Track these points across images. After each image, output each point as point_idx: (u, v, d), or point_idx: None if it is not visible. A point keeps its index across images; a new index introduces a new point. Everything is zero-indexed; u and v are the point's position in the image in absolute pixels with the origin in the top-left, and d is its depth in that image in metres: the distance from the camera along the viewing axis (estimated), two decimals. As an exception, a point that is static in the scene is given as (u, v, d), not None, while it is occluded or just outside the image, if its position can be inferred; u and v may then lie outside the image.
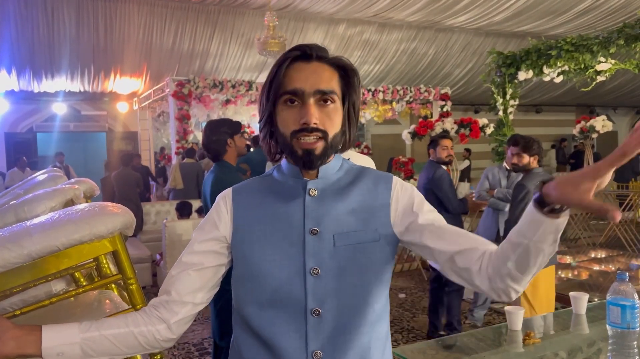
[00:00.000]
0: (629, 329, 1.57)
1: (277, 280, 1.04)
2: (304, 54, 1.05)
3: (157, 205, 7.43)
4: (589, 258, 6.34)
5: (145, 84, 9.94)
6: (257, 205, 1.10)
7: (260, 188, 1.13)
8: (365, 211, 1.08)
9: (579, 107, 15.40)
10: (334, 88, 1.05)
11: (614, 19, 9.54)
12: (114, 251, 1.17)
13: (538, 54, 4.43)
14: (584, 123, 6.75)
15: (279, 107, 1.05)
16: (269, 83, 1.06)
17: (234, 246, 1.09)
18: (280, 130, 1.06)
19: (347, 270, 1.05)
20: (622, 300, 1.58)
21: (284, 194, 1.09)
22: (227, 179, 2.77)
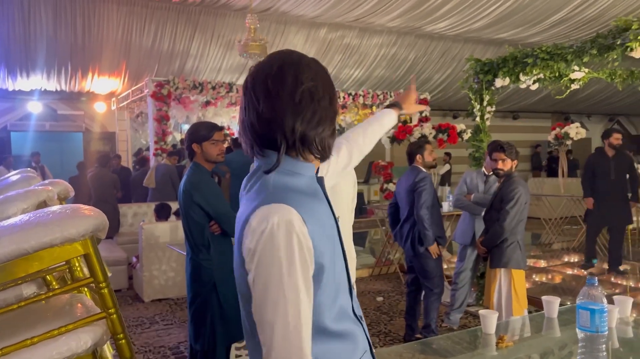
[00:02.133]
0: (598, 332, 1.61)
1: (338, 273, 1.12)
2: None
3: (134, 206, 7.34)
4: (562, 262, 6.48)
5: (123, 84, 9.82)
6: (314, 213, 1.07)
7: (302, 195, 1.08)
8: None
9: (554, 114, 15.70)
10: None
11: (588, 29, 9.76)
12: (85, 255, 1.15)
13: (515, 62, 4.50)
14: (559, 130, 6.90)
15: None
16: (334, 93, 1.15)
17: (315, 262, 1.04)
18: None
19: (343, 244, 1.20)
20: (592, 304, 1.62)
21: (314, 193, 1.12)
22: (197, 180, 2.80)
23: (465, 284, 4.51)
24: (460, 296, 4.50)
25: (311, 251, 1.01)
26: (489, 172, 4.41)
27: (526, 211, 3.66)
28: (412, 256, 4.10)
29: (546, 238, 7.96)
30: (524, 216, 3.65)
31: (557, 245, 7.70)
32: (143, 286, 5.44)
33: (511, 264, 3.60)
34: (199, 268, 2.83)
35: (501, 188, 3.69)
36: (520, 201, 3.56)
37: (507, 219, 3.55)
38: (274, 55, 1.12)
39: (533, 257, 6.82)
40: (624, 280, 5.60)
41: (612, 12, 9.12)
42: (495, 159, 3.66)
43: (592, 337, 1.63)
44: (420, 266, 4.06)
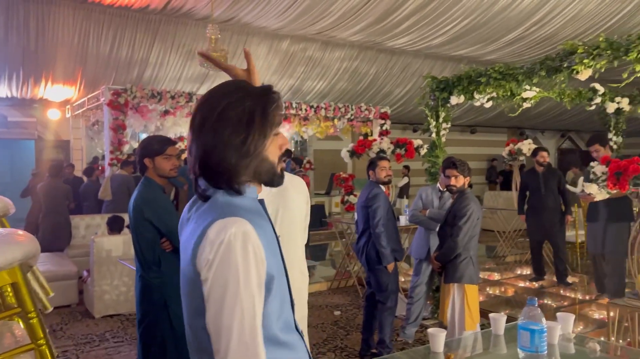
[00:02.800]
0: (537, 352, 1.65)
1: (282, 287, 1.19)
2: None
3: (87, 218, 7.12)
4: (515, 275, 6.64)
5: (79, 92, 9.55)
6: (262, 228, 1.15)
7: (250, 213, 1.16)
8: None
9: (510, 129, 16.19)
10: None
11: (541, 48, 10.15)
12: (13, 283, 1.10)
13: (469, 80, 4.63)
14: (512, 146, 7.11)
15: (269, 141, 1.19)
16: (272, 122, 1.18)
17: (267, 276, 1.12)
18: (271, 159, 1.20)
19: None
20: (532, 324, 1.67)
21: (259, 213, 1.21)
22: (148, 195, 2.74)
23: (420, 298, 4.56)
24: (416, 310, 4.55)
25: (264, 262, 1.09)
26: (444, 187, 4.50)
27: (478, 227, 3.75)
28: (367, 270, 4.14)
29: (501, 251, 8.16)
30: (476, 232, 3.73)
31: (510, 257, 7.90)
32: (94, 301, 5.27)
33: (464, 279, 3.67)
34: (149, 286, 2.76)
35: (454, 204, 3.77)
36: (472, 218, 3.64)
37: (460, 235, 3.62)
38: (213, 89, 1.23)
39: (487, 270, 6.99)
40: (572, 293, 5.80)
41: (564, 32, 9.53)
42: (448, 176, 3.74)
43: (532, 357, 1.67)
44: (375, 281, 4.09)
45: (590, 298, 5.50)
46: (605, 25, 9.25)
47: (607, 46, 3.62)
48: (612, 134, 6.26)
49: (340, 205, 9.40)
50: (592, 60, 3.71)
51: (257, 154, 1.17)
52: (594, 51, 3.69)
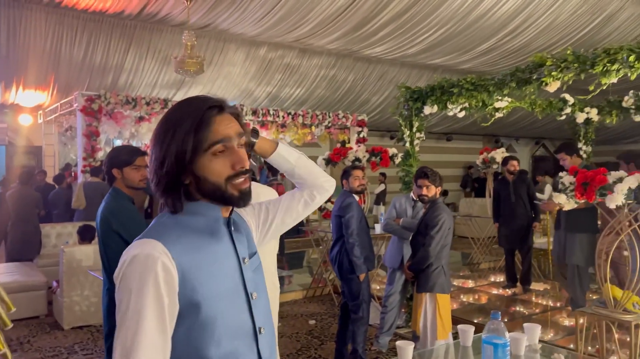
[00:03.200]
0: (500, 366, 1.67)
1: (230, 314, 1.13)
2: (220, 107, 1.16)
3: (58, 226, 6.97)
4: (488, 282, 6.71)
5: (52, 97, 9.37)
6: (195, 249, 1.12)
7: (185, 232, 1.14)
8: (249, 238, 1.29)
9: (485, 136, 16.41)
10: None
11: (514, 58, 10.34)
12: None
13: (442, 91, 4.69)
14: (486, 155, 7.21)
15: (205, 159, 1.11)
16: (193, 138, 1.10)
17: (183, 297, 1.08)
18: (211, 179, 1.12)
19: (262, 288, 1.24)
20: (495, 338, 1.68)
21: (211, 233, 1.16)
22: (115, 207, 2.69)
23: (394, 307, 4.58)
24: (390, 319, 4.56)
25: (173, 286, 1.05)
26: (415, 196, 4.54)
27: (450, 237, 3.78)
28: (340, 279, 4.14)
29: (475, 258, 8.25)
30: (448, 241, 3.77)
31: (484, 264, 7.99)
32: (63, 312, 5.15)
33: (436, 288, 3.70)
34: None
35: (426, 214, 3.80)
36: (443, 227, 3.68)
37: (432, 244, 3.65)
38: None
39: (462, 277, 7.05)
40: (544, 300, 5.89)
41: (537, 43, 9.73)
42: (420, 185, 3.77)
43: (496, 370, 1.68)
44: (348, 290, 4.08)
45: (561, 305, 5.59)
46: (577, 36, 9.48)
47: (574, 59, 3.71)
48: (581, 143, 6.39)
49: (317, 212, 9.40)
50: (560, 73, 3.79)
51: (186, 173, 1.12)
52: (561, 64, 3.77)
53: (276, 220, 1.43)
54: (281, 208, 1.43)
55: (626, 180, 3.29)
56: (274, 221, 1.42)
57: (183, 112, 1.13)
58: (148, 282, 1.03)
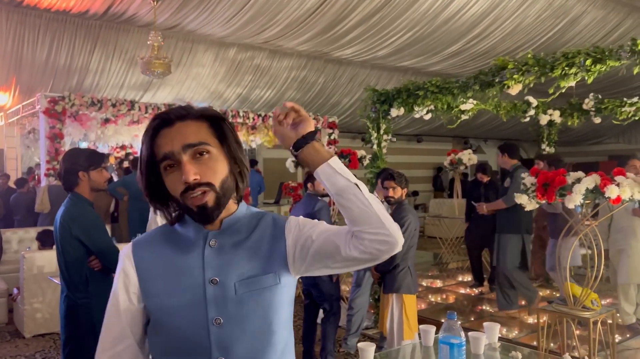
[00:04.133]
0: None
1: (182, 331, 1.09)
2: (163, 121, 1.11)
3: (20, 232, 6.78)
4: (456, 282, 6.80)
5: (13, 98, 9.11)
6: (158, 258, 1.14)
7: (161, 240, 1.17)
8: (264, 256, 1.13)
9: (454, 138, 16.66)
10: (204, 138, 1.09)
11: (482, 61, 10.53)
12: None
13: (408, 93, 4.73)
14: (453, 156, 7.31)
15: (164, 175, 1.11)
16: (141, 159, 1.12)
17: (144, 299, 1.14)
18: (172, 194, 1.11)
19: (251, 316, 1.10)
20: (452, 338, 1.70)
21: (184, 245, 1.13)
22: (76, 213, 2.62)
23: (361, 308, 4.60)
24: (357, 320, 4.58)
25: (130, 287, 1.14)
26: (382, 197, 4.56)
27: (416, 238, 3.82)
28: (311, 280, 4.09)
29: (445, 258, 8.35)
30: (414, 242, 3.80)
31: (453, 264, 8.10)
32: (24, 320, 5.00)
33: (402, 289, 3.72)
34: (75, 307, 2.64)
35: (392, 215, 3.82)
36: (410, 228, 3.71)
37: (397, 246, 3.67)
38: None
39: (430, 277, 7.13)
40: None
41: (503, 46, 9.93)
42: (386, 187, 3.79)
43: (452, 370, 1.70)
44: (319, 291, 4.08)
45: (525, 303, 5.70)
46: (541, 39, 9.71)
47: (534, 63, 3.79)
48: (545, 144, 6.54)
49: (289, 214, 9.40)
50: (522, 76, 3.87)
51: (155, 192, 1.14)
52: (523, 67, 3.85)
53: (310, 252, 1.15)
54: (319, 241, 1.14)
55: (584, 180, 3.38)
56: (308, 253, 1.15)
57: (146, 128, 1.14)
58: (117, 277, 1.16)
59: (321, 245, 1.12)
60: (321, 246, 1.12)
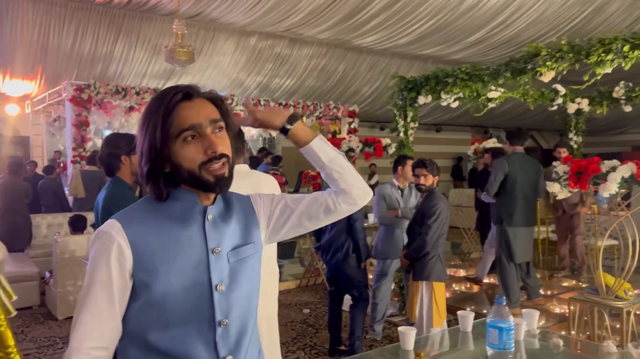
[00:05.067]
0: (505, 349, 1.70)
1: (185, 300, 1.14)
2: (187, 94, 1.16)
3: (49, 217, 6.91)
4: (480, 271, 6.76)
5: (39, 87, 9.24)
6: (156, 232, 1.16)
7: (152, 215, 1.18)
8: (243, 228, 1.27)
9: (474, 127, 16.52)
10: (219, 116, 1.19)
11: (505, 49, 10.40)
12: (-21, 292, 1.07)
13: (436, 81, 4.70)
14: (477, 145, 7.26)
15: (177, 146, 1.14)
16: (160, 129, 1.13)
17: (136, 276, 1.13)
18: (185, 166, 1.14)
19: (240, 282, 1.22)
20: (500, 322, 1.71)
21: (182, 219, 1.18)
22: (119, 197, 2.64)
23: (385, 296, 4.62)
24: (382, 308, 4.61)
25: (124, 264, 1.12)
26: (402, 184, 4.54)
27: (446, 226, 3.81)
28: (339, 267, 4.09)
29: (466, 248, 8.33)
30: (445, 230, 3.80)
31: (475, 254, 8.07)
32: (57, 302, 5.12)
33: (432, 277, 3.73)
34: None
35: (423, 203, 3.82)
36: (441, 216, 3.70)
37: (429, 233, 3.68)
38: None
39: (453, 266, 7.12)
40: (534, 288, 5.95)
41: (527, 34, 9.78)
42: (417, 175, 3.79)
43: (500, 354, 1.71)
44: (347, 277, 4.09)
45: (551, 293, 5.68)
46: (566, 27, 9.54)
47: (569, 49, 3.74)
48: (572, 134, 6.46)
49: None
50: (555, 63, 3.82)
51: (162, 161, 1.15)
52: (556, 54, 3.80)
53: (292, 218, 1.33)
54: (301, 206, 1.33)
55: (620, 169, 3.34)
56: (289, 219, 1.33)
57: (154, 103, 1.17)
58: (102, 257, 1.12)
59: (304, 209, 1.32)
60: (304, 210, 1.32)
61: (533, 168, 4.85)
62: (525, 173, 4.78)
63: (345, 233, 4.02)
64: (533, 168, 4.85)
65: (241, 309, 1.22)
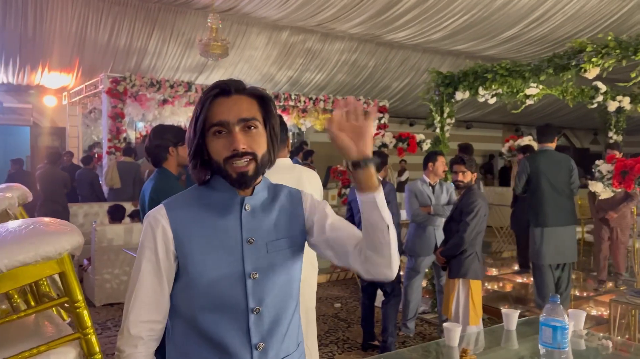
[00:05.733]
0: (559, 349, 1.67)
1: (220, 286, 1.20)
2: (223, 90, 1.21)
3: (86, 206, 7.07)
4: (512, 271, 6.69)
5: (76, 79, 9.45)
6: (195, 219, 1.23)
7: (194, 203, 1.26)
8: (287, 221, 1.30)
9: (505, 125, 16.27)
10: (255, 115, 1.22)
11: (539, 45, 10.20)
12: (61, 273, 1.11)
13: (475, 76, 4.64)
14: (512, 143, 7.15)
15: (208, 139, 1.21)
16: (196, 120, 1.21)
17: (178, 259, 1.21)
18: (214, 158, 1.21)
19: (277, 272, 1.25)
20: (554, 321, 1.69)
21: (219, 208, 1.24)
22: (166, 187, 2.68)
23: (417, 293, 4.60)
24: (414, 305, 4.60)
25: (169, 246, 1.20)
26: (433, 181, 4.50)
27: (485, 223, 3.77)
28: None
29: (497, 247, 8.22)
30: (483, 228, 3.75)
31: (506, 253, 7.97)
32: (94, 290, 5.25)
33: (469, 275, 3.70)
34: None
35: (461, 199, 3.78)
36: (479, 214, 3.66)
37: (467, 230, 3.64)
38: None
39: (484, 265, 7.04)
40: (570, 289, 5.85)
41: (562, 30, 9.57)
42: (455, 171, 3.75)
43: (554, 353, 1.69)
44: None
45: (587, 295, 5.57)
46: (605, 23, 9.30)
47: (615, 45, 3.65)
48: (612, 132, 6.31)
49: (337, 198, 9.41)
50: (601, 59, 3.73)
51: (200, 150, 1.22)
52: (602, 50, 3.71)
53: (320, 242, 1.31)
54: (331, 237, 1.29)
55: (668, 168, 3.25)
56: (317, 241, 1.31)
57: (202, 95, 1.24)
58: (149, 238, 1.21)
59: (332, 241, 1.29)
60: (332, 241, 1.29)
61: (563, 166, 4.54)
62: (554, 172, 4.50)
63: None
64: (563, 166, 4.54)
65: (276, 299, 1.25)
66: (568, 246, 4.56)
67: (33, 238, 1.09)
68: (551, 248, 4.50)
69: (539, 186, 4.52)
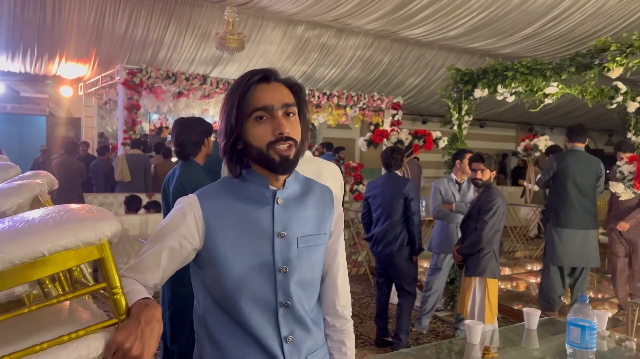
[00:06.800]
0: (587, 349, 1.66)
1: (250, 278, 1.20)
2: (265, 76, 1.22)
3: (100, 196, 7.12)
4: (525, 271, 6.66)
5: (92, 70, 9.51)
6: (227, 211, 1.22)
7: (227, 194, 1.25)
8: (318, 218, 1.30)
9: (519, 124, 16.15)
10: (294, 102, 1.23)
11: (558, 44, 10.09)
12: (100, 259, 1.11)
13: (494, 74, 4.60)
14: (528, 142, 7.09)
15: (249, 125, 1.20)
16: (237, 106, 1.19)
17: (206, 250, 1.21)
18: (254, 144, 1.20)
19: (306, 267, 1.26)
20: (582, 321, 1.67)
21: (253, 201, 1.23)
22: (196, 178, 2.68)
23: (437, 289, 4.59)
24: (432, 302, 4.58)
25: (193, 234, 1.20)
26: (461, 179, 4.49)
27: (503, 222, 3.74)
28: (392, 259, 4.04)
29: (510, 246, 8.17)
30: (501, 226, 3.73)
31: (519, 253, 7.92)
32: (109, 280, 5.29)
33: (486, 273, 3.68)
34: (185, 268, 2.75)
35: (479, 198, 3.76)
36: (498, 212, 3.64)
37: (485, 229, 3.62)
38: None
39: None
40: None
41: (581, 29, 9.46)
42: (474, 169, 3.73)
43: (582, 353, 1.68)
44: (398, 269, 4.07)
45: (602, 297, 5.53)
46: (625, 23, 9.18)
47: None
48: (631, 134, 6.22)
49: (349, 193, 9.40)
50: (625, 58, 3.68)
51: (236, 139, 1.20)
52: (627, 49, 3.66)
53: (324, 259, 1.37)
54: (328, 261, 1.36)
55: (692, 170, 3.21)
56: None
57: (235, 84, 1.23)
58: (179, 214, 1.21)
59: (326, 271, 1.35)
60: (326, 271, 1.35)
61: (593, 168, 4.41)
62: (582, 173, 4.38)
63: (402, 224, 4.00)
64: (593, 168, 4.41)
65: (305, 294, 1.27)
66: (590, 250, 4.40)
67: (74, 223, 1.09)
68: (568, 250, 4.39)
69: (564, 186, 4.38)
